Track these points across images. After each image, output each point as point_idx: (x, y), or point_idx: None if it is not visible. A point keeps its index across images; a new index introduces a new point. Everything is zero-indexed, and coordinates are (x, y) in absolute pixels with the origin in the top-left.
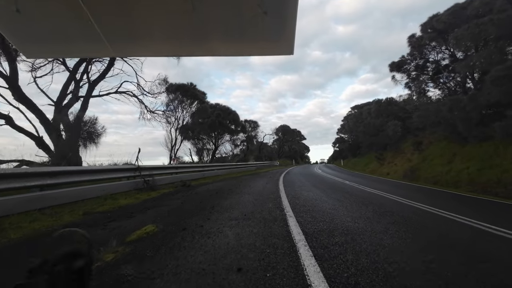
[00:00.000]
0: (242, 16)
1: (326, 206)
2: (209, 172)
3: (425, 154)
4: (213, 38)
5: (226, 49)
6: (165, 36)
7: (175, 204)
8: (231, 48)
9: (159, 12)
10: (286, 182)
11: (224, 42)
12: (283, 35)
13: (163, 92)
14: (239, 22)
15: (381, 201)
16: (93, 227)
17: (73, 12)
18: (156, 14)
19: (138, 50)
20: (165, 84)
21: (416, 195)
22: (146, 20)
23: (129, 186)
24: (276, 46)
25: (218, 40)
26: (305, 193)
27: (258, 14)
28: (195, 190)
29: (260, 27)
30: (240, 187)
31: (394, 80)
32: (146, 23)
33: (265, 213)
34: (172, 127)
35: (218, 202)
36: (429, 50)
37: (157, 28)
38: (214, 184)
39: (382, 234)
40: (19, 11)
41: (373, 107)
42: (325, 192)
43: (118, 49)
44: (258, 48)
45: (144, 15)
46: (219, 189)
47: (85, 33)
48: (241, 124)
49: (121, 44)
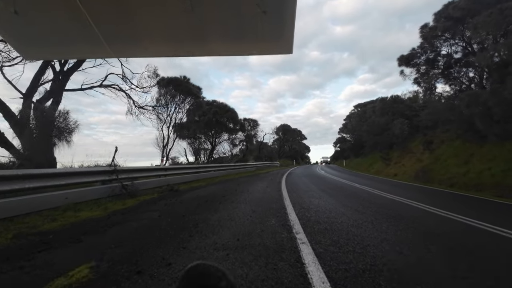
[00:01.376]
0: (241, 16)
1: (346, 221)
2: (204, 174)
3: (437, 153)
4: (212, 38)
5: (226, 49)
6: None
7: (149, 219)
8: (231, 48)
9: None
10: (289, 186)
11: (223, 42)
12: (282, 34)
13: (154, 86)
14: (238, 22)
15: (412, 212)
16: (6, 262)
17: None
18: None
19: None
20: (155, 77)
21: (452, 204)
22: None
23: (102, 192)
24: (275, 45)
25: (217, 40)
26: (314, 201)
27: (257, 13)
28: (182, 196)
29: (259, 26)
30: (237, 192)
31: (402, 75)
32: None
33: (266, 237)
34: (163, 124)
35: (206, 216)
36: (440, 42)
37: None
38: (207, 188)
39: None
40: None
41: (377, 105)
42: (338, 199)
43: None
44: (257, 47)
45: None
46: (211, 195)
47: (84, 34)
48: (240, 123)
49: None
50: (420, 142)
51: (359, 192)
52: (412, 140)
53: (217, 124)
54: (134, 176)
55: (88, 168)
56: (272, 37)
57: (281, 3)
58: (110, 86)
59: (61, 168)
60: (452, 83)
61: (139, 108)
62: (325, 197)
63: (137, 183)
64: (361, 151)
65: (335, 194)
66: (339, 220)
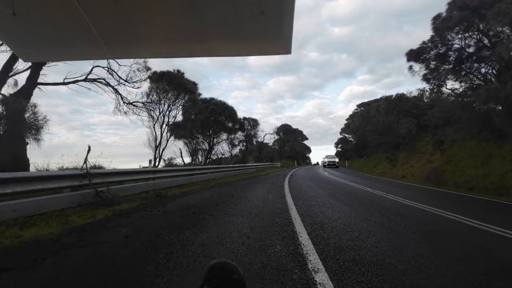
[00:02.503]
0: (240, 17)
1: (379, 245)
2: (199, 176)
3: (449, 154)
4: (211, 39)
5: (225, 49)
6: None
7: (110, 242)
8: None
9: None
10: (294, 191)
11: (222, 42)
12: (281, 35)
13: (145, 80)
14: (237, 23)
15: (459, 228)
16: None
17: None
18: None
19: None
20: (146, 70)
21: (492, 214)
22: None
23: (69, 201)
24: (274, 46)
25: (217, 41)
26: (327, 212)
27: (256, 14)
28: (168, 204)
29: (258, 27)
30: (233, 200)
31: (411, 72)
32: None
33: (269, 279)
34: (156, 122)
35: (188, 236)
36: (452, 35)
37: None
38: (200, 193)
39: None
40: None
41: (382, 104)
42: (354, 208)
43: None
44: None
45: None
46: (202, 203)
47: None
48: (239, 122)
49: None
50: (429, 142)
51: (374, 198)
52: (420, 140)
53: (215, 123)
54: (112, 180)
55: (53, 172)
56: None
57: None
58: (96, 80)
59: (14, 173)
60: (463, 80)
61: (128, 105)
62: (338, 206)
63: (118, 188)
64: (364, 151)
65: (349, 202)
66: (367, 244)
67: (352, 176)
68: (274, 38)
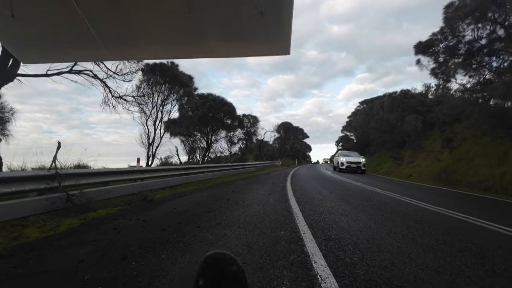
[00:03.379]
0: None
1: (421, 273)
2: (196, 176)
3: (459, 152)
4: (210, 40)
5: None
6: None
7: (55, 270)
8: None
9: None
10: (298, 193)
11: (221, 43)
12: (280, 36)
13: (136, 72)
14: (236, 23)
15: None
16: None
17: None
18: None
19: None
20: (137, 62)
21: None
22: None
23: (34, 207)
24: (273, 47)
25: (216, 42)
26: (342, 222)
27: (255, 15)
28: (151, 211)
29: (257, 28)
30: (228, 204)
31: (419, 66)
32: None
33: None
34: (148, 118)
35: (161, 263)
36: (463, 27)
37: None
38: (193, 196)
39: None
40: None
41: (386, 101)
42: (372, 216)
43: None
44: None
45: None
46: (192, 209)
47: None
48: (238, 119)
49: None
50: (437, 139)
51: (389, 202)
52: (426, 137)
53: (213, 119)
54: (90, 182)
55: (13, 173)
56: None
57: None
58: (82, 72)
59: None
60: (473, 75)
61: (117, 98)
62: (352, 213)
63: (97, 191)
64: (367, 149)
65: (363, 207)
66: (408, 273)
67: (356, 175)
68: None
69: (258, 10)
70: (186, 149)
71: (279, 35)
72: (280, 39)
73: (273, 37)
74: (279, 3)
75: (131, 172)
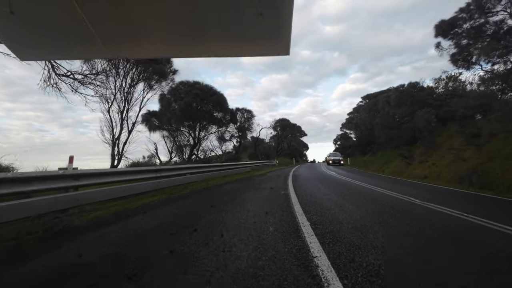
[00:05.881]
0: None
1: None
2: (172, 180)
3: (489, 150)
4: (211, 40)
5: (224, 50)
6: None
7: None
8: (229, 49)
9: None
10: (308, 205)
11: (222, 43)
12: (279, 36)
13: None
14: (237, 24)
15: None
16: None
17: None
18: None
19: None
20: None
21: None
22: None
23: None
24: (273, 47)
25: (216, 42)
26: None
27: (255, 15)
28: (42, 259)
29: (257, 28)
30: (189, 247)
31: (439, 49)
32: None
33: None
34: (111, 105)
35: None
36: (492, 3)
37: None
38: (146, 216)
39: None
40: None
41: (392, 94)
42: (431, 251)
43: (114, 50)
44: (255, 49)
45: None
46: (123, 251)
47: (80, 34)
48: (230, 111)
49: (117, 45)
50: (453, 135)
51: (440, 220)
52: (439, 134)
53: (199, 112)
54: None
55: None
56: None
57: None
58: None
59: None
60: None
61: (61, 76)
62: (400, 251)
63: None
64: (369, 148)
65: (413, 232)
66: None
67: (365, 176)
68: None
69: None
70: (169, 148)
71: (279, 36)
72: (280, 40)
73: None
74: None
75: (48, 179)
